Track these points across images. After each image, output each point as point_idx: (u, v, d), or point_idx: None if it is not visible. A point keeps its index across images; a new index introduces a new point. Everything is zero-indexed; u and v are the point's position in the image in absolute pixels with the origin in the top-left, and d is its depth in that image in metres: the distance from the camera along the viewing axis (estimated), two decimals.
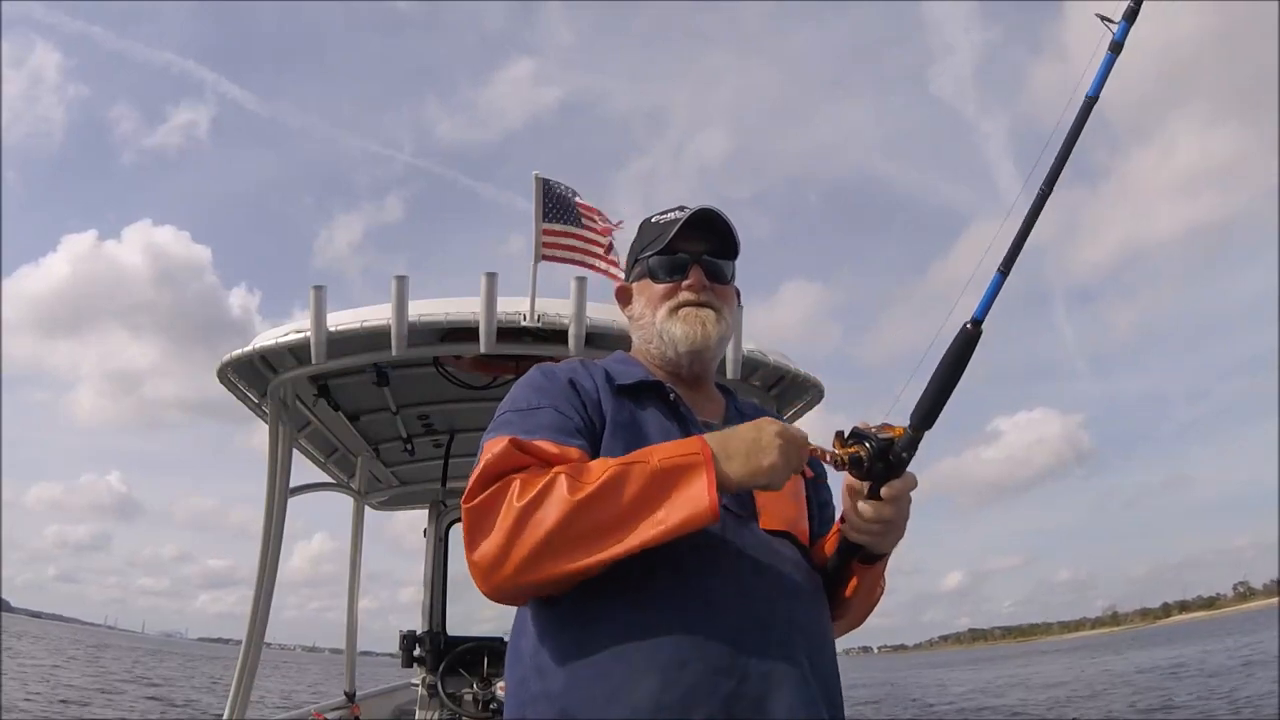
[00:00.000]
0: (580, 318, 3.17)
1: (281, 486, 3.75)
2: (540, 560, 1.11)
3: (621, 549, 1.11)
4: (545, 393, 1.34)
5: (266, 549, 3.65)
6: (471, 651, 4.49)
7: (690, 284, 1.45)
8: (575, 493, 1.10)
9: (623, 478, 1.11)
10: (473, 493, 1.16)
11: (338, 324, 3.25)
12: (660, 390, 1.40)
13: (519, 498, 1.12)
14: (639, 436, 1.32)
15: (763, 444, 1.16)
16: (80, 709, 16.92)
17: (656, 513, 1.10)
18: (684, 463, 1.12)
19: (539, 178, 3.36)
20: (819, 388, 3.64)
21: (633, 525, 1.11)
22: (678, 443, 1.18)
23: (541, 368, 1.42)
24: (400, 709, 5.64)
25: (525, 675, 1.24)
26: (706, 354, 1.46)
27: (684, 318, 1.44)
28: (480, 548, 1.13)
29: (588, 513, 1.10)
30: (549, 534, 1.10)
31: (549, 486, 1.11)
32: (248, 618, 3.61)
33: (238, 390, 3.68)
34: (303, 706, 6.26)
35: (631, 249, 1.57)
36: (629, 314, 1.55)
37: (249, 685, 3.59)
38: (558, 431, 1.26)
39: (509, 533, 1.11)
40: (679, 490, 1.11)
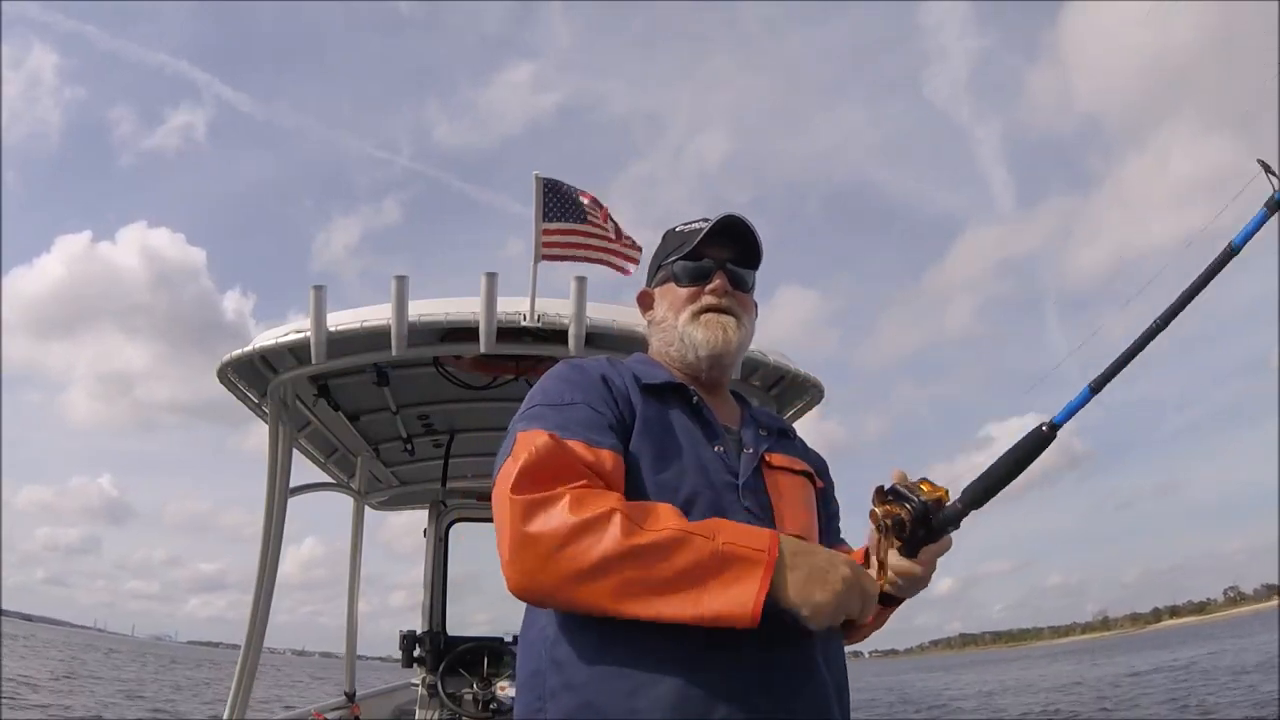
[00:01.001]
0: (580, 318, 3.16)
1: (281, 487, 3.74)
2: (568, 584, 1.10)
3: (646, 613, 1.09)
4: (578, 387, 1.34)
5: (266, 549, 3.64)
6: (471, 651, 4.50)
7: (714, 289, 1.48)
8: (628, 537, 1.08)
9: (679, 544, 1.08)
10: (521, 486, 1.13)
11: (338, 324, 3.25)
12: (684, 393, 1.43)
13: (572, 511, 1.10)
14: (668, 435, 1.34)
15: (828, 579, 1.11)
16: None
17: (697, 594, 1.07)
18: (745, 555, 1.08)
19: (539, 177, 3.36)
20: (819, 388, 3.64)
21: (667, 596, 1.08)
22: (751, 530, 1.13)
23: (572, 363, 1.43)
24: (400, 709, 5.63)
25: (541, 668, 1.25)
26: (726, 359, 1.49)
27: (706, 323, 1.46)
28: (520, 547, 1.11)
29: (631, 563, 1.07)
30: (590, 566, 1.08)
31: (604, 519, 1.09)
32: (247, 619, 3.60)
33: (238, 390, 3.68)
34: (303, 706, 6.26)
35: (655, 256, 1.60)
36: (650, 317, 1.58)
37: (248, 687, 3.59)
38: (591, 430, 1.25)
39: (553, 546, 1.09)
40: (728, 582, 1.07)
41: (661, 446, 1.33)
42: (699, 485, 1.31)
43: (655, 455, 1.31)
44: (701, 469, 1.33)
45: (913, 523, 1.20)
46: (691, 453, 1.35)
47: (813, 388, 3.63)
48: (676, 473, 1.31)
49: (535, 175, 3.37)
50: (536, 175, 3.37)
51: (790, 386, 3.69)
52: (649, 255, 1.70)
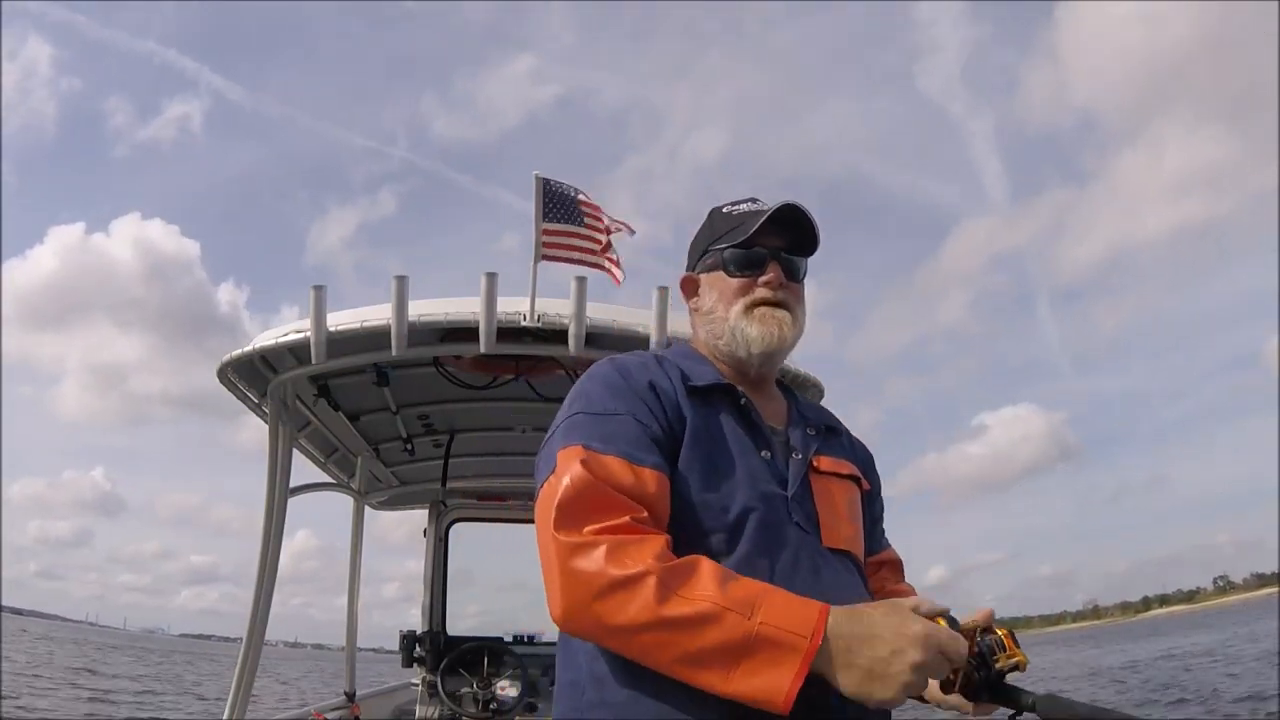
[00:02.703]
0: (580, 318, 3.16)
1: (281, 486, 3.74)
2: (601, 633, 1.10)
3: (673, 675, 1.06)
4: (623, 396, 1.29)
5: (266, 549, 3.64)
6: (471, 651, 4.50)
7: (768, 280, 1.40)
8: (661, 605, 1.03)
9: (712, 621, 1.02)
10: (562, 522, 1.12)
11: (338, 324, 3.25)
12: (732, 394, 1.38)
13: (608, 562, 1.07)
14: (717, 446, 1.30)
15: (890, 671, 1.01)
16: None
17: (726, 673, 1.01)
18: (784, 640, 1.00)
19: (539, 177, 3.36)
20: (819, 387, 3.65)
21: (695, 669, 1.04)
22: (796, 609, 1.04)
23: (616, 363, 1.37)
24: (400, 709, 5.64)
25: (580, 680, 1.23)
26: (779, 356, 1.44)
27: (760, 318, 1.39)
28: (568, 588, 1.10)
29: (661, 632, 1.04)
30: (619, 626, 1.06)
31: (637, 581, 1.05)
32: (247, 618, 3.60)
33: (238, 390, 3.68)
34: (303, 706, 6.26)
35: (699, 238, 1.52)
36: (695, 305, 1.50)
37: (249, 684, 3.59)
38: (634, 446, 1.22)
39: (589, 596, 1.08)
40: (760, 667, 1.00)
41: (711, 459, 1.29)
42: (749, 500, 1.27)
43: (705, 470, 1.27)
44: (751, 481, 1.29)
45: (982, 687, 1.16)
46: (741, 463, 1.31)
47: (812, 386, 3.63)
48: (727, 489, 1.27)
49: (535, 175, 3.36)
50: (536, 175, 3.36)
51: (790, 385, 3.68)
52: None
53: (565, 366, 3.76)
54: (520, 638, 4.83)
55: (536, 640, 4.89)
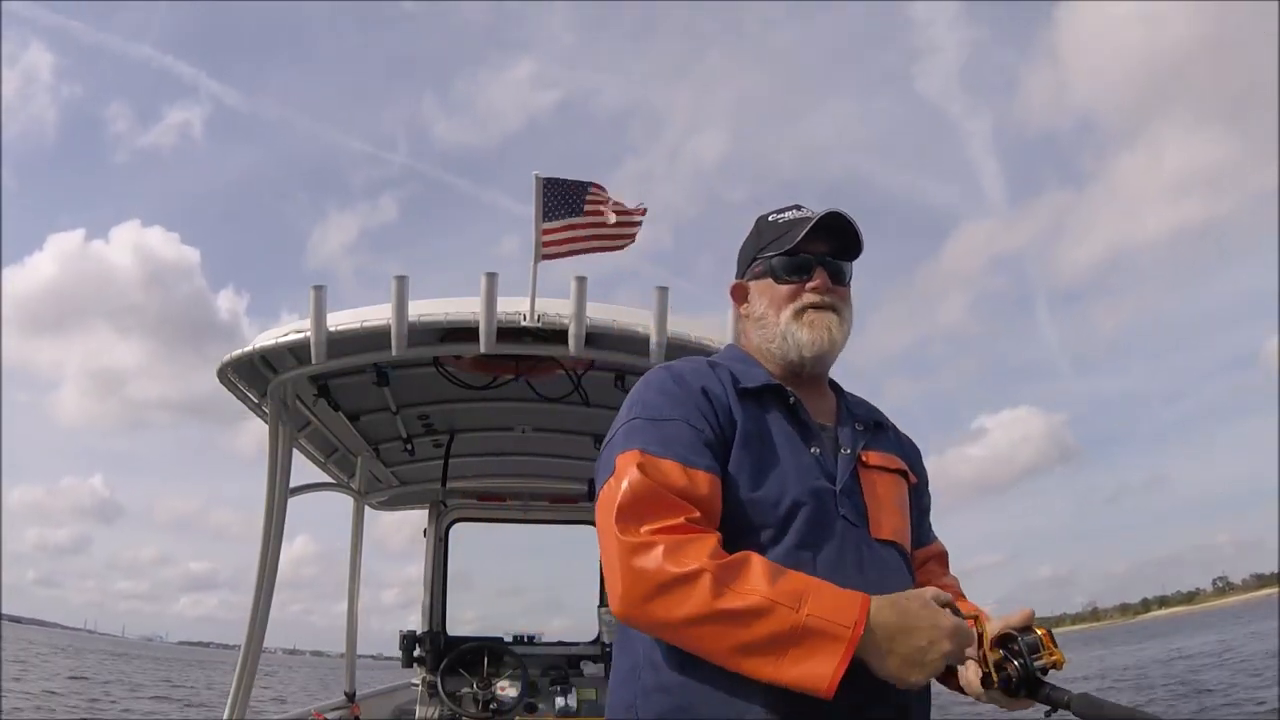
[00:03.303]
0: (580, 318, 3.16)
1: (281, 486, 3.74)
2: (658, 628, 1.19)
3: (726, 665, 1.15)
4: (678, 401, 1.36)
5: (266, 549, 3.64)
6: (471, 651, 4.50)
7: (815, 286, 1.47)
8: (716, 600, 1.12)
9: (763, 614, 1.11)
10: (624, 522, 1.21)
11: (338, 324, 3.25)
12: (781, 394, 1.44)
13: (666, 561, 1.15)
14: (766, 446, 1.37)
15: (926, 659, 1.13)
16: None
17: (776, 661, 1.11)
18: (829, 630, 1.10)
19: (539, 177, 3.36)
20: None
21: (747, 658, 1.12)
22: (840, 601, 1.13)
23: (671, 369, 1.44)
24: (400, 709, 5.63)
25: (639, 665, 1.30)
26: (830, 358, 1.50)
27: (810, 323, 1.46)
28: (631, 585, 1.18)
29: (716, 624, 1.12)
30: (677, 620, 1.14)
31: (693, 577, 1.13)
32: (247, 620, 3.61)
33: (238, 390, 3.68)
34: (303, 706, 6.26)
35: (747, 246, 1.58)
36: (746, 312, 1.57)
37: (249, 686, 3.59)
38: (688, 450, 1.29)
39: (647, 593, 1.16)
40: (806, 655, 1.10)
41: (760, 459, 1.35)
42: (799, 495, 1.33)
43: (754, 469, 1.34)
44: (800, 477, 1.36)
45: (1019, 682, 1.24)
46: (791, 460, 1.37)
47: None
48: (776, 486, 1.33)
49: (535, 175, 3.36)
50: (536, 175, 3.36)
51: None
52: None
53: (565, 366, 3.76)
54: (520, 638, 4.83)
55: (536, 640, 4.89)
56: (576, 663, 4.76)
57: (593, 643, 4.89)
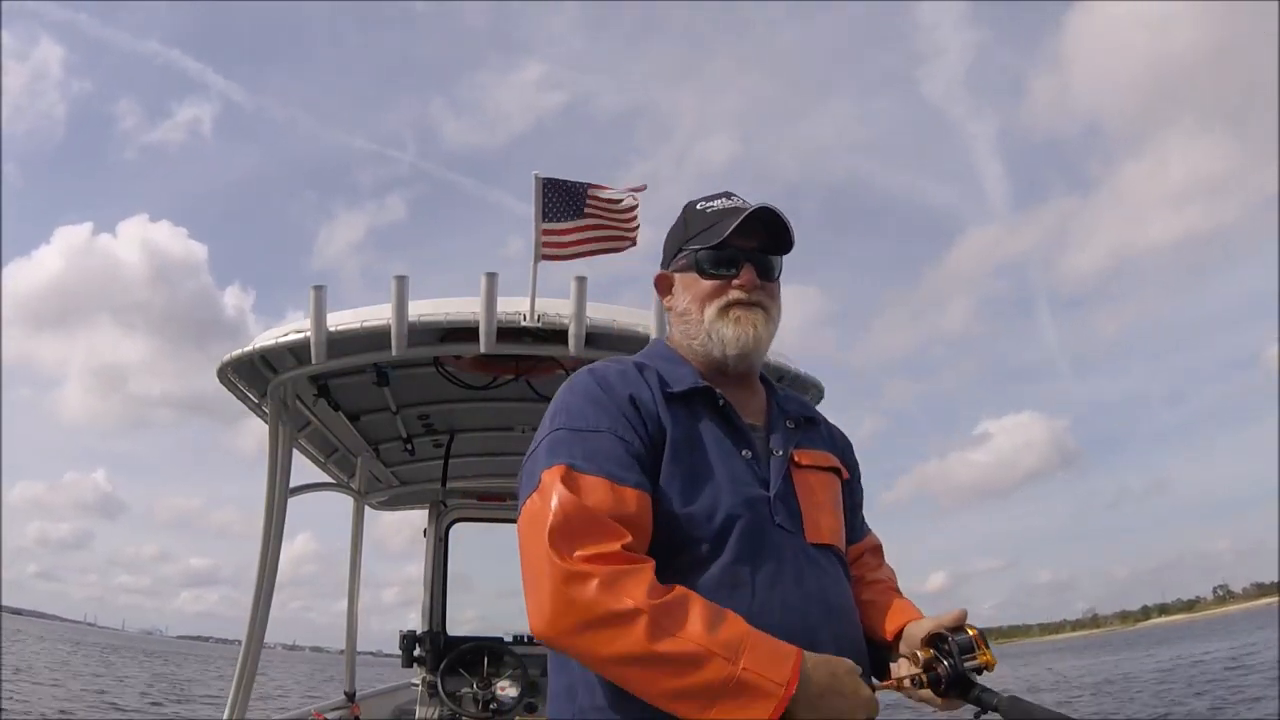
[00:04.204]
0: (580, 318, 3.17)
1: (281, 486, 3.75)
2: (586, 658, 1.15)
3: (652, 703, 1.12)
4: (604, 410, 1.30)
5: (266, 549, 3.64)
6: (471, 651, 4.50)
7: (741, 283, 1.41)
8: (651, 643, 1.09)
9: (700, 662, 1.09)
10: (558, 544, 1.15)
11: (338, 324, 3.25)
12: (710, 396, 1.39)
13: (601, 594, 1.11)
14: (698, 454, 1.32)
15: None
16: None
17: (706, 708, 1.08)
18: (763, 686, 1.08)
19: (538, 178, 3.36)
20: (819, 387, 3.66)
21: (676, 702, 1.10)
22: (776, 655, 1.12)
23: (596, 374, 1.38)
24: (400, 709, 5.64)
25: (574, 684, 1.26)
26: (755, 356, 1.45)
27: (735, 320, 1.40)
28: (560, 614, 1.14)
29: (648, 668, 1.10)
30: (608, 656, 1.11)
31: (629, 617, 1.10)
32: (247, 619, 3.61)
33: (238, 390, 3.68)
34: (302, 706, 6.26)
35: (674, 235, 1.51)
36: (670, 304, 1.51)
37: (249, 685, 3.59)
38: (616, 464, 1.24)
39: (579, 624, 1.12)
40: (740, 709, 1.08)
41: (692, 469, 1.31)
42: (733, 507, 1.29)
43: (685, 481, 1.29)
44: (733, 487, 1.31)
45: (947, 681, 1.24)
46: (723, 468, 1.32)
47: (813, 387, 3.64)
48: (710, 498, 1.29)
49: (535, 175, 3.36)
50: (536, 175, 3.36)
51: (790, 386, 3.69)
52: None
53: (565, 366, 3.76)
54: (520, 638, 4.84)
55: (536, 640, 4.88)
56: None
57: None
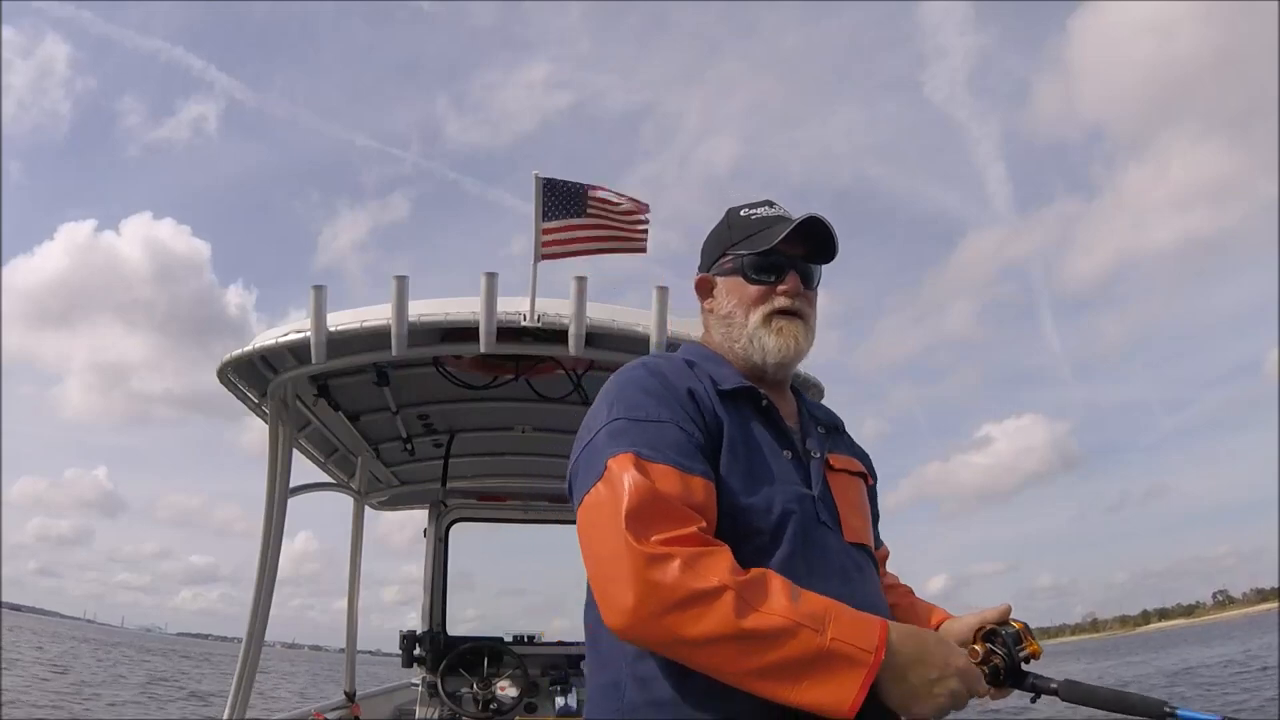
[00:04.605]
0: (580, 317, 3.17)
1: (281, 486, 3.75)
2: (670, 644, 1.12)
3: (740, 686, 1.10)
4: (664, 402, 1.30)
5: (266, 549, 3.65)
6: (471, 651, 4.50)
7: (786, 289, 1.44)
8: (739, 618, 1.07)
9: (787, 636, 1.07)
10: (636, 528, 1.12)
11: (338, 324, 3.25)
12: (755, 396, 1.41)
13: (684, 575, 1.09)
14: (752, 450, 1.33)
15: (934, 692, 1.11)
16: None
17: (794, 684, 1.07)
18: (852, 655, 1.07)
19: (538, 177, 3.36)
20: (819, 387, 3.66)
21: (763, 680, 1.08)
22: (861, 625, 1.11)
23: (650, 367, 1.38)
24: (400, 709, 5.64)
25: (620, 681, 1.25)
26: (793, 365, 1.47)
27: (778, 330, 1.43)
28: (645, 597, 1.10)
29: (737, 644, 1.08)
30: (694, 637, 1.08)
31: (715, 594, 1.08)
32: (247, 619, 3.61)
33: (238, 390, 3.69)
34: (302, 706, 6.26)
35: (717, 239, 1.53)
36: (710, 306, 1.52)
37: (249, 685, 3.59)
38: (682, 454, 1.23)
39: (662, 608, 1.09)
40: (828, 679, 1.06)
41: (749, 464, 1.32)
42: (787, 502, 1.30)
43: (744, 475, 1.30)
44: (783, 483, 1.33)
45: (1006, 673, 1.28)
46: (774, 466, 1.34)
47: (813, 386, 3.65)
48: (765, 492, 1.30)
49: (535, 175, 3.37)
50: (536, 175, 3.37)
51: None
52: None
53: (565, 366, 3.76)
54: (520, 638, 4.83)
55: (536, 640, 4.89)
56: (576, 663, 4.76)
57: None
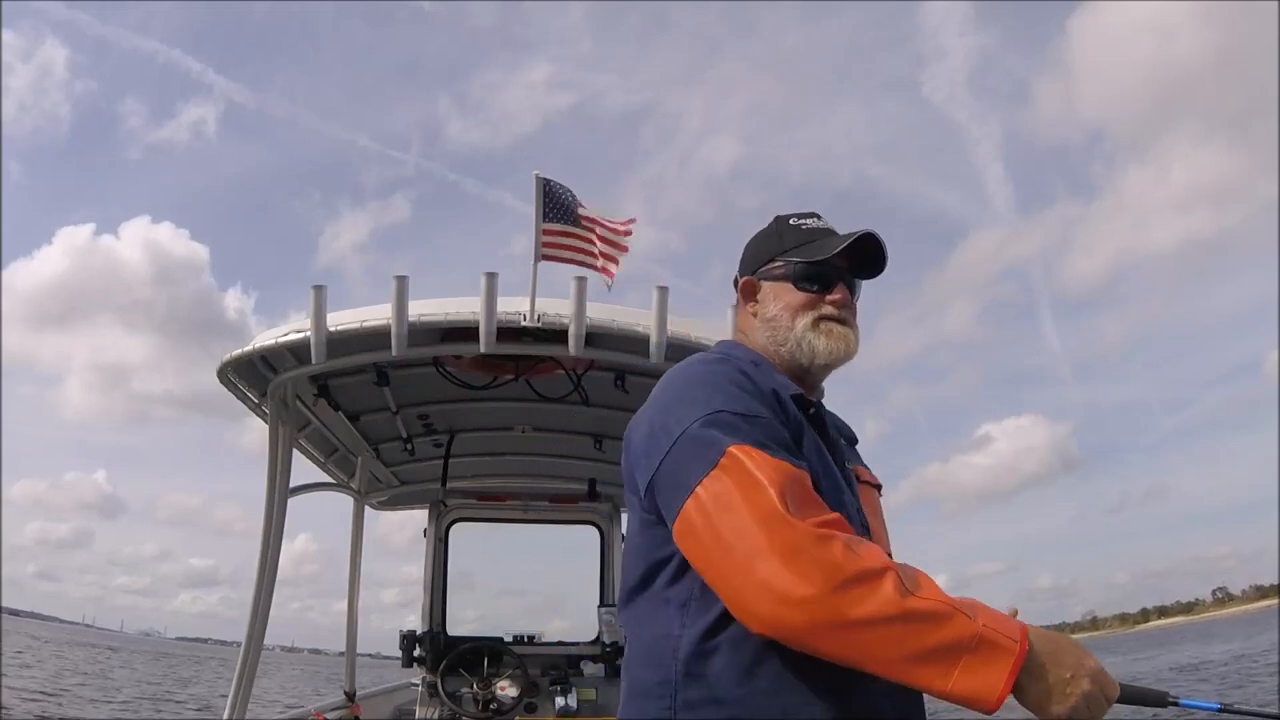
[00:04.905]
0: (580, 317, 3.17)
1: (281, 486, 3.75)
2: (830, 626, 1.07)
3: (889, 674, 1.07)
4: (756, 398, 1.29)
5: (266, 549, 3.65)
6: (471, 651, 4.50)
7: (836, 299, 1.46)
8: (904, 599, 1.06)
9: (946, 619, 1.06)
10: (793, 509, 1.10)
11: (338, 324, 3.25)
12: (805, 404, 1.41)
13: (846, 557, 1.07)
14: (818, 454, 1.34)
15: (1068, 692, 1.09)
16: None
17: (948, 670, 1.05)
18: (1001, 643, 1.06)
19: (539, 178, 3.37)
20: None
21: (920, 665, 1.06)
22: (1001, 616, 1.10)
23: (732, 363, 1.37)
24: (400, 709, 5.64)
25: (671, 678, 1.22)
26: (835, 367, 1.49)
27: (828, 332, 1.45)
28: (785, 580, 1.07)
29: (899, 626, 1.05)
30: (858, 618, 1.05)
31: (880, 574, 1.07)
32: (247, 619, 3.61)
33: (238, 390, 3.68)
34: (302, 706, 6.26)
35: (764, 244, 1.55)
36: (754, 309, 1.53)
37: (249, 686, 3.59)
38: (787, 450, 1.22)
39: (828, 589, 1.06)
40: (980, 668, 1.05)
41: (823, 466, 1.33)
42: (848, 510, 1.30)
43: (815, 479, 1.28)
44: (839, 490, 1.34)
45: None
46: (835, 476, 1.35)
47: None
48: (834, 498, 1.28)
49: (535, 175, 3.38)
50: (536, 175, 3.37)
51: None
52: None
53: (565, 366, 3.76)
54: (520, 638, 4.84)
55: (536, 640, 4.89)
56: (576, 663, 4.76)
57: (593, 643, 4.89)
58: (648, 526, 1.30)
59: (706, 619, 1.20)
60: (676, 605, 1.24)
